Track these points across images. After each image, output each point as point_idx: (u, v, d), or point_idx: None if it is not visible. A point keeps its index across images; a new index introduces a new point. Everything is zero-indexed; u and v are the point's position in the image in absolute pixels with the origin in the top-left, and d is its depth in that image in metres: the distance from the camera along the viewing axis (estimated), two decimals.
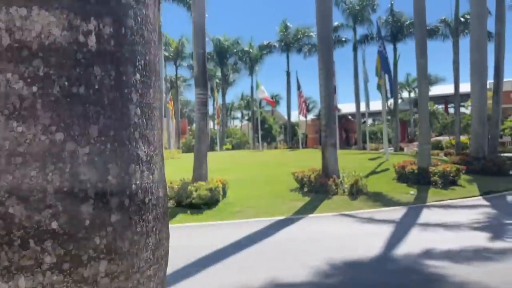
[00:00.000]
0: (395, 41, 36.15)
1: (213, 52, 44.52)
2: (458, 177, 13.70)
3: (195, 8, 11.22)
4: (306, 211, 10.43)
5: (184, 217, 9.99)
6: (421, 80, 14.02)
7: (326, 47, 12.48)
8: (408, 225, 8.60)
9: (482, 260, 5.81)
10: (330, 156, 12.49)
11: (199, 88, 11.29)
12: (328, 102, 12.56)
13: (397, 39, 36.11)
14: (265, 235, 7.90)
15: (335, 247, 6.73)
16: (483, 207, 10.57)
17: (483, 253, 6.24)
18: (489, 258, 5.96)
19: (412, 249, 6.48)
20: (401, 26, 36.18)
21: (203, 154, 11.31)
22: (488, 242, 6.74)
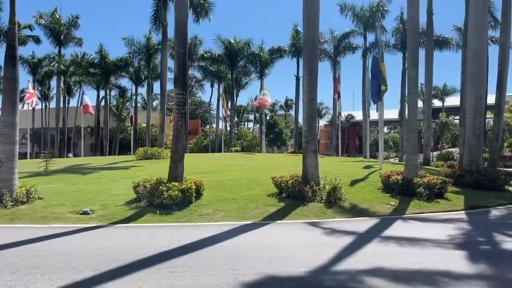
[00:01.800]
0: (404, 50, 35.61)
1: (223, 54, 44.63)
2: (444, 189, 13.36)
3: (177, 6, 11.20)
4: (275, 217, 10.28)
5: (151, 217, 9.95)
6: (411, 90, 13.73)
7: (311, 52, 12.33)
8: (370, 237, 8.37)
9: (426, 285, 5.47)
10: (311, 162, 12.32)
11: (178, 88, 11.25)
12: (310, 107, 12.40)
13: (405, 48, 35.53)
14: (219, 240, 7.79)
15: (279, 257, 6.58)
16: (460, 222, 10.26)
17: (433, 276, 5.88)
18: (435, 284, 5.54)
19: (357, 264, 6.27)
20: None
21: (180, 154, 11.26)
22: (445, 263, 6.37)
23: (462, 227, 9.61)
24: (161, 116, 26.53)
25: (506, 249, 7.42)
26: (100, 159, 27.21)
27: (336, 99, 33.94)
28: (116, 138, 57.76)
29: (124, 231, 8.82)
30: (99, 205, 10.70)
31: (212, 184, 14.05)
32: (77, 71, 47.20)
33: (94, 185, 13.95)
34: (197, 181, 11.31)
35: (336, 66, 40.64)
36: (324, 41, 41.48)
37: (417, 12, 13.95)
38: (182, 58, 11.19)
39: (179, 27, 11.13)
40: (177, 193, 10.36)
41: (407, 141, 14.11)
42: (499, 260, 6.68)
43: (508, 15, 19.99)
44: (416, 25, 14.11)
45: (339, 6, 36.93)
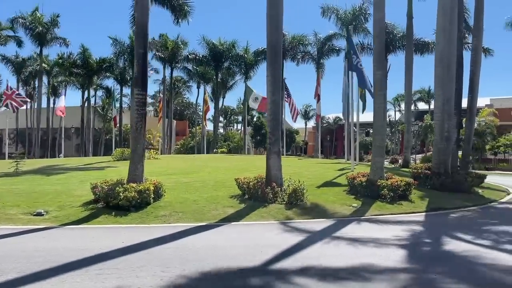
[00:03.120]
0: (386, 53, 35.79)
1: (208, 56, 44.64)
2: (409, 191, 13.45)
3: (137, 6, 11.17)
4: (232, 219, 10.28)
5: (105, 218, 9.91)
6: (377, 92, 13.81)
7: (274, 54, 12.36)
8: (320, 238, 8.41)
9: (353, 281, 5.57)
10: (273, 164, 12.34)
11: (138, 89, 11.23)
12: (274, 109, 12.42)
13: (388, 51, 35.80)
14: (164, 242, 7.79)
15: (217, 258, 6.59)
16: (416, 223, 10.34)
17: (362, 272, 6.01)
18: (365, 279, 5.69)
19: (292, 264, 6.32)
20: (393, 38, 35.94)
21: (139, 155, 11.23)
22: (379, 262, 6.48)
23: (415, 228, 9.69)
24: None
25: (445, 250, 7.51)
26: (77, 160, 27.03)
27: (316, 101, 34.00)
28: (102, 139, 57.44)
29: (72, 232, 8.77)
30: (55, 206, 10.63)
31: (179, 185, 14.05)
32: (61, 72, 46.90)
33: (60, 186, 13.84)
34: (156, 182, 11.28)
35: (319, 69, 40.77)
36: (308, 44, 41.64)
37: (383, 15, 14.05)
38: (142, 58, 11.17)
39: (139, 27, 11.11)
40: (134, 194, 10.31)
41: (373, 143, 14.18)
42: (433, 259, 6.76)
43: (481, 20, 20.23)
44: (382, 28, 14.23)
45: (321, 8, 37.03)
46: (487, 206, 14.14)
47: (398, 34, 35.79)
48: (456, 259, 6.81)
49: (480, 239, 8.29)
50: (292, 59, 42.62)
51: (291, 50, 42.61)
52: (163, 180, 14.68)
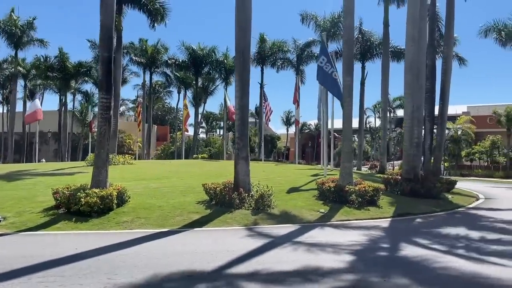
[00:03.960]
0: (363, 60, 36.33)
1: (188, 61, 44.53)
2: (377, 197, 13.55)
3: (102, 9, 11.05)
4: (196, 225, 10.20)
5: (65, 225, 9.72)
6: (346, 98, 13.92)
7: (243, 59, 12.36)
8: (279, 243, 8.41)
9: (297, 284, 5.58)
10: (241, 169, 12.31)
11: (102, 92, 11.09)
12: (242, 114, 12.41)
13: (365, 58, 36.29)
14: (118, 248, 7.68)
15: (169, 264, 6.54)
16: (379, 229, 10.40)
17: (309, 275, 6.03)
18: (310, 281, 5.73)
19: (244, 269, 6.31)
20: (370, 45, 36.40)
21: (103, 159, 11.06)
22: (333, 265, 6.55)
23: (376, 234, 9.74)
24: (114, 121, 26.07)
25: (399, 255, 7.56)
26: (50, 165, 26.53)
27: (296, 107, 34.14)
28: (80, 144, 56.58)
29: (26, 239, 8.57)
30: (14, 212, 10.39)
31: (147, 191, 13.89)
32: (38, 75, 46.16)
33: (24, 192, 13.55)
34: (120, 188, 11.12)
35: (299, 75, 41.00)
36: (288, 50, 41.88)
37: (352, 22, 14.22)
38: (106, 62, 11.04)
39: (104, 30, 10.99)
40: (96, 199, 10.14)
41: (342, 149, 14.26)
42: (383, 264, 6.82)
43: (451, 28, 20.63)
44: (351, 35, 14.38)
45: (300, 15, 37.31)
46: (453, 212, 14.34)
47: (375, 41, 36.26)
48: (407, 264, 6.86)
49: (437, 244, 8.37)
50: (272, 65, 42.79)
51: (271, 57, 42.82)
52: (133, 186, 14.55)
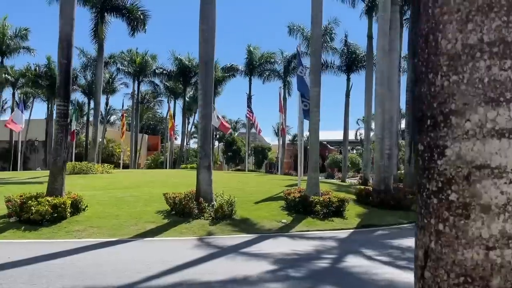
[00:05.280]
0: (349, 72, 36.46)
1: (176, 71, 44.57)
2: (343, 208, 13.42)
3: (61, 15, 11.00)
4: (148, 235, 10.06)
5: (12, 233, 9.56)
6: (313, 109, 13.87)
7: (206, 70, 12.32)
8: (224, 253, 8.31)
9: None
10: (203, 178, 12.18)
11: (60, 100, 11.00)
12: (204, 123, 12.32)
13: (351, 70, 36.42)
14: (54, 257, 7.54)
15: (97, 274, 6.41)
16: (334, 240, 10.29)
17: (234, 285, 5.91)
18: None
19: (172, 280, 6.19)
20: (355, 57, 36.55)
21: (59, 167, 10.92)
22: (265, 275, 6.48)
23: (328, 244, 9.62)
24: (94, 130, 25.99)
25: (337, 266, 7.46)
26: (27, 174, 26.31)
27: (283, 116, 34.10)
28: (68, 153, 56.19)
29: None
30: None
31: (112, 200, 13.72)
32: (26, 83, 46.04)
33: None
34: (75, 196, 10.97)
35: (285, 86, 41.09)
36: (274, 61, 42.04)
37: (319, 32, 14.23)
38: (65, 69, 10.97)
39: (63, 37, 10.94)
40: (47, 208, 9.99)
41: (309, 159, 14.17)
42: (315, 275, 6.69)
43: None
44: (319, 45, 14.39)
45: (288, 27, 37.53)
46: None
47: (360, 54, 36.41)
48: (340, 274, 6.76)
49: (382, 256, 8.26)
50: (259, 76, 42.88)
51: (259, 68, 42.94)
52: (100, 194, 14.40)
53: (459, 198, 1.24)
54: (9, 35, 39.18)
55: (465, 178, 1.23)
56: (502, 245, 1.20)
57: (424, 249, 1.35)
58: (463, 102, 1.25)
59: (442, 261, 1.27)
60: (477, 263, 1.21)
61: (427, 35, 1.36)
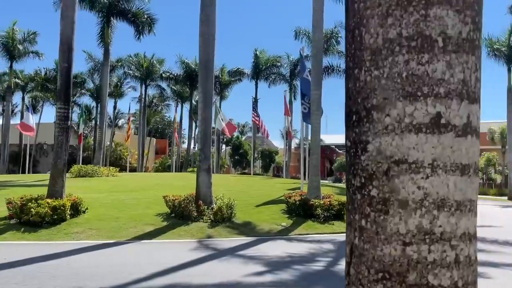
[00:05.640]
0: None
1: (183, 75, 44.81)
2: (344, 211, 13.33)
3: (62, 18, 11.12)
4: (146, 237, 10.10)
5: (12, 235, 9.65)
6: (314, 112, 13.84)
7: (206, 71, 12.37)
8: (220, 256, 8.34)
9: None
10: (203, 181, 12.20)
11: (61, 103, 11.10)
12: (204, 126, 12.36)
13: None
14: (47, 259, 7.58)
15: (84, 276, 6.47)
16: (332, 243, 10.24)
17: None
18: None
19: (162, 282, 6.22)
20: None
21: (60, 170, 11.02)
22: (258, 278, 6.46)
23: (325, 247, 9.59)
24: (99, 133, 26.19)
25: (331, 269, 7.41)
26: (34, 176, 26.58)
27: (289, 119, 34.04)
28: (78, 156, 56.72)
29: None
30: None
31: (115, 202, 13.81)
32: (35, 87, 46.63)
33: None
34: (76, 199, 11.05)
35: (291, 89, 41.07)
36: (281, 65, 42.06)
37: (321, 35, 14.20)
38: (65, 72, 11.09)
39: (64, 41, 11.06)
40: (47, 210, 10.07)
41: (310, 162, 14.12)
42: (309, 277, 6.64)
43: None
44: (320, 48, 14.35)
45: (294, 31, 37.56)
46: None
47: None
48: (333, 277, 6.70)
49: None
50: (265, 79, 42.93)
51: (265, 71, 42.98)
52: (103, 197, 14.50)
53: (379, 194, 1.23)
54: (18, 39, 39.68)
55: (385, 173, 1.22)
56: (419, 241, 1.18)
57: (350, 245, 1.34)
58: (383, 97, 1.24)
59: (364, 257, 1.26)
60: (394, 259, 1.20)
61: (353, 30, 1.36)
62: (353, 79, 1.35)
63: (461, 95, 1.20)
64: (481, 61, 1.27)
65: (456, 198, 1.19)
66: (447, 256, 1.17)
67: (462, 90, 1.21)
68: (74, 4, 11.29)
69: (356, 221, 1.31)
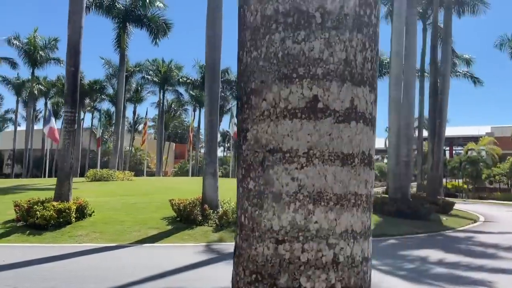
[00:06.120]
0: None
1: (200, 80, 45.08)
2: None
3: (70, 23, 11.27)
4: (148, 241, 10.08)
5: (17, 237, 9.78)
6: None
7: (212, 74, 12.35)
8: (220, 260, 8.22)
9: None
10: (209, 185, 12.15)
11: (67, 106, 11.24)
12: (210, 129, 12.33)
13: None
14: (46, 261, 7.62)
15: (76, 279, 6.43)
16: None
17: None
18: None
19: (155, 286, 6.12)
20: (380, 63, 35.87)
21: (66, 173, 11.14)
22: None
23: None
24: (116, 138, 26.53)
25: None
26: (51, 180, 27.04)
27: None
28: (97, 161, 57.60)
29: None
30: None
31: (123, 205, 13.90)
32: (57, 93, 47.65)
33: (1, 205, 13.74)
34: (82, 202, 11.14)
35: None
36: None
37: None
38: (72, 76, 11.22)
39: (71, 45, 11.20)
40: (52, 213, 10.17)
41: None
42: None
43: (449, 44, 20.11)
44: None
45: None
46: (437, 234, 13.68)
47: (385, 60, 35.67)
48: None
49: (384, 266, 7.98)
50: None
51: None
52: (115, 200, 14.62)
53: (256, 186, 1.11)
54: (39, 46, 40.66)
55: (261, 163, 1.10)
56: (292, 238, 1.06)
57: (235, 245, 1.23)
58: (261, 80, 1.13)
59: (242, 257, 1.15)
60: (267, 258, 1.08)
61: (239, 8, 1.25)
62: (238, 62, 1.24)
63: (343, 76, 1.07)
64: (377, 39, 1.14)
65: (336, 191, 1.06)
66: (323, 255, 1.04)
67: (344, 71, 1.08)
68: (81, 10, 11.44)
69: (238, 217, 1.20)
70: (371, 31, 1.12)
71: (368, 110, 1.11)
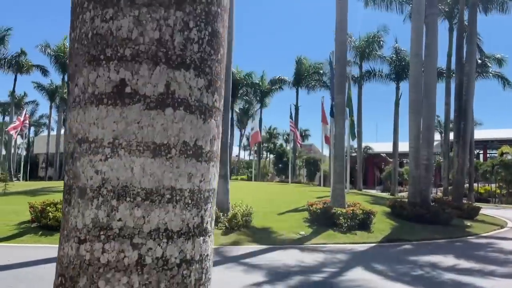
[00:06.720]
0: (398, 80, 35.07)
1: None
2: (369, 221, 12.77)
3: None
4: None
5: (29, 238, 10.01)
6: (338, 117, 13.40)
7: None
8: (224, 263, 8.23)
9: None
10: (219, 187, 12.07)
11: None
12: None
13: (400, 78, 35.00)
14: (48, 262, 7.68)
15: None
16: (347, 253, 9.80)
17: None
18: None
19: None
20: (405, 65, 35.08)
21: None
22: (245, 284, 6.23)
23: (337, 257, 9.17)
24: None
25: (332, 280, 7.02)
26: None
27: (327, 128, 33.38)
28: None
29: None
30: None
31: None
32: None
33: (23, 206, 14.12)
34: None
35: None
36: (323, 72, 41.44)
37: (344, 38, 13.78)
38: None
39: None
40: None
41: (333, 169, 13.65)
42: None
43: (473, 43, 19.41)
44: (344, 51, 13.90)
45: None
46: (456, 240, 13.16)
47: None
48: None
49: (392, 271, 7.71)
50: (306, 86, 42.52)
51: (307, 78, 42.58)
52: None
53: (68, 181, 1.02)
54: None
55: (71, 155, 1.00)
56: (93, 238, 0.95)
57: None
58: (75, 63, 1.03)
59: (57, 261, 1.05)
60: (70, 260, 0.98)
61: None
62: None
63: (155, 58, 0.96)
64: (213, 19, 1.02)
65: (145, 186, 0.95)
66: (125, 257, 0.93)
67: (157, 52, 0.97)
68: None
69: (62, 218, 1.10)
70: (199, 9, 1.01)
71: (195, 97, 0.99)
